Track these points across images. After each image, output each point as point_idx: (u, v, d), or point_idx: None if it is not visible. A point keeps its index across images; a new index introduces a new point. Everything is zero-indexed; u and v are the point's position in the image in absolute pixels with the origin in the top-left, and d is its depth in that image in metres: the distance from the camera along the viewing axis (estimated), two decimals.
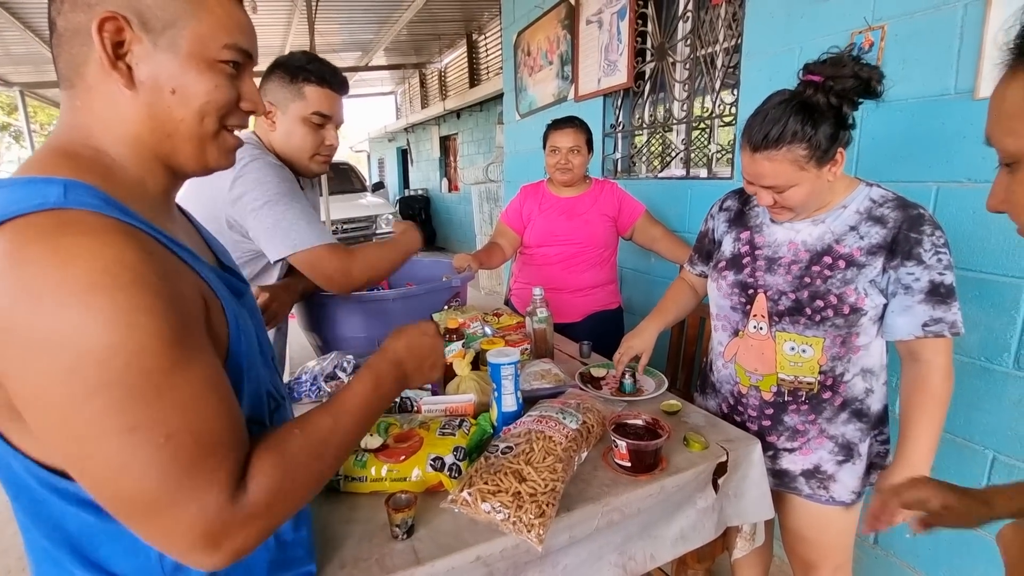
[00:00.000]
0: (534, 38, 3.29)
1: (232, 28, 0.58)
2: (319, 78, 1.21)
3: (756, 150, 1.00)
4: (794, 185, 1.01)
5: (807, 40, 1.66)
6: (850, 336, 1.06)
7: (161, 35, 0.54)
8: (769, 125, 0.98)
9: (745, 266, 1.16)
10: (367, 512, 0.91)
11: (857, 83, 0.94)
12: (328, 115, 1.24)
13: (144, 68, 0.54)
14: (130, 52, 0.53)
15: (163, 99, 0.55)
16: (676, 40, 2.31)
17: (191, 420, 0.48)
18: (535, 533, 0.81)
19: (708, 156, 2.21)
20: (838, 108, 0.96)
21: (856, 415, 1.12)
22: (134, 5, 0.53)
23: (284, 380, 1.44)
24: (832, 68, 0.95)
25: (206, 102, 0.57)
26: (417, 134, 11.58)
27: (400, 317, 1.44)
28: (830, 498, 1.15)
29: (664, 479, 1.00)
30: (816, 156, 0.97)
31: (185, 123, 0.57)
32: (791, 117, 0.96)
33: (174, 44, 0.54)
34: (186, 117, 0.56)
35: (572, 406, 1.10)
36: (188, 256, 0.55)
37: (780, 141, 0.97)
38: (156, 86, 0.55)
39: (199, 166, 0.60)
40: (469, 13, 7.34)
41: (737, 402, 1.21)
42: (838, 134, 0.98)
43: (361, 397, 0.66)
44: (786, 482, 1.18)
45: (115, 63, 0.52)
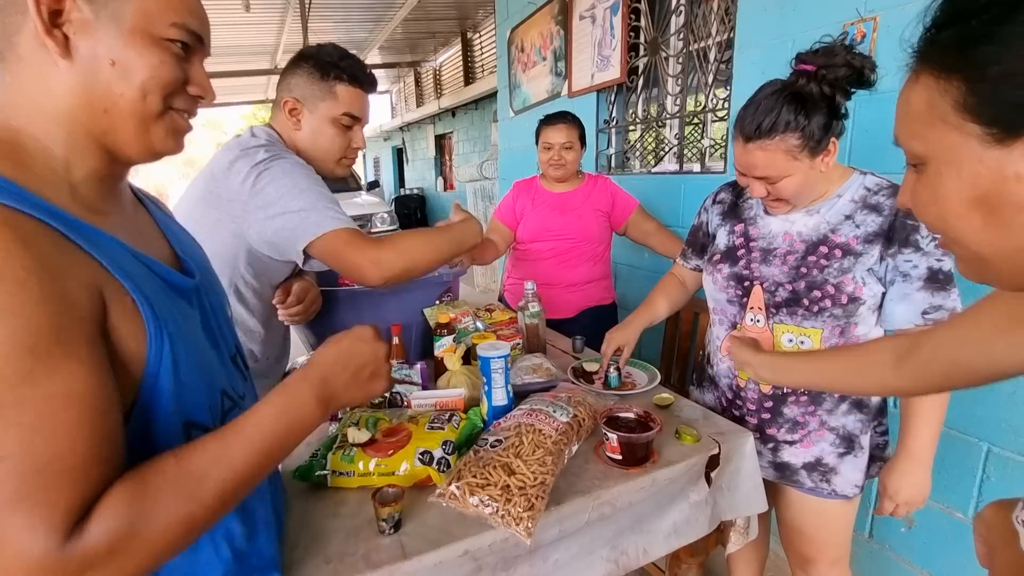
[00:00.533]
0: (527, 34, 3.27)
1: (181, 8, 0.56)
2: (352, 77, 1.14)
3: (748, 140, 0.99)
4: (787, 176, 1.00)
5: (800, 32, 1.65)
6: (849, 326, 1.05)
7: (104, 7, 0.51)
8: (762, 115, 0.97)
9: (740, 258, 1.15)
10: (354, 507, 0.89)
11: (850, 72, 0.93)
12: (359, 116, 1.18)
13: (82, 39, 0.51)
14: (68, 21, 0.50)
15: (101, 72, 0.51)
16: (669, 35, 2.31)
17: (34, 444, 0.41)
18: (523, 526, 0.80)
19: (701, 151, 2.21)
20: (831, 98, 0.95)
21: (856, 406, 1.11)
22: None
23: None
24: (824, 57, 0.94)
25: (149, 77, 0.53)
26: (412, 133, 11.56)
27: (391, 311, 1.43)
28: (832, 491, 1.13)
29: (656, 472, 0.99)
30: (809, 146, 0.96)
31: (125, 98, 0.53)
32: (784, 107, 0.95)
33: (117, 16, 0.51)
34: (126, 92, 0.53)
35: (563, 400, 1.09)
36: (104, 249, 0.50)
37: (773, 131, 0.96)
38: (94, 57, 0.51)
39: (143, 148, 0.56)
40: (464, 11, 7.32)
41: (736, 396, 1.20)
42: (831, 124, 0.97)
43: (265, 423, 0.56)
44: (788, 475, 1.17)
45: (50, 30, 0.49)
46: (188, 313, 0.60)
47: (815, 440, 1.13)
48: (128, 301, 0.50)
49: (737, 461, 1.10)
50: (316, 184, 1.08)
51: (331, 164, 1.21)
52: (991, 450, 1.33)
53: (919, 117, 0.42)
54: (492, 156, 5.11)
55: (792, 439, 1.14)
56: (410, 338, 1.49)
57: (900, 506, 1.07)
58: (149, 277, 0.54)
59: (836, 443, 1.12)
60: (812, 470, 1.14)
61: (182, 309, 0.58)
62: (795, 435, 1.14)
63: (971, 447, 1.37)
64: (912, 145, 0.44)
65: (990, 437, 1.33)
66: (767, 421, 1.16)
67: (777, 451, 1.16)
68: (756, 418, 1.17)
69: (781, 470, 1.17)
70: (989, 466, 1.35)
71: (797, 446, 1.14)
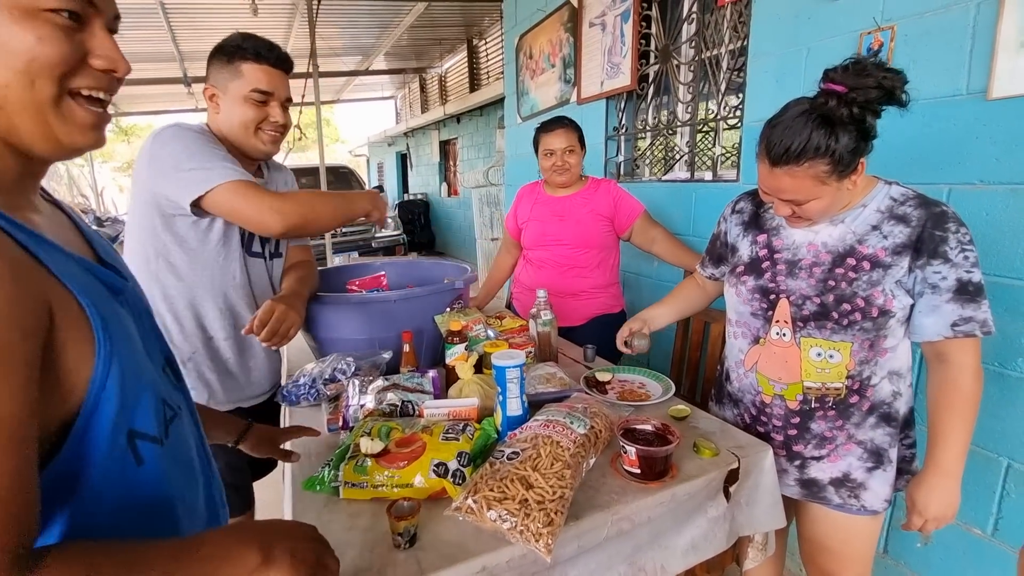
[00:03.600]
0: (536, 41, 3.27)
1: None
2: (255, 54, 1.18)
3: (776, 164, 0.97)
4: (815, 199, 0.98)
5: (814, 41, 1.64)
6: (878, 339, 1.03)
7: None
8: (789, 139, 0.93)
9: (765, 271, 1.12)
10: (368, 520, 0.87)
11: (881, 93, 0.90)
12: (268, 91, 1.20)
13: None
14: None
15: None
16: (680, 42, 2.30)
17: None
18: (543, 542, 0.78)
19: (713, 159, 2.19)
20: (861, 120, 0.92)
21: (884, 419, 1.08)
22: None
23: (282, 383, 1.41)
24: (855, 78, 0.90)
25: (30, 59, 0.46)
26: (417, 138, 11.58)
27: (402, 319, 1.42)
28: (861, 507, 1.10)
29: (675, 486, 0.97)
30: (838, 170, 0.94)
31: (11, 89, 0.46)
32: (812, 131, 0.92)
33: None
34: (10, 81, 0.46)
35: (579, 410, 1.07)
36: (48, 253, 0.46)
37: (802, 156, 0.93)
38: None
39: (50, 143, 0.50)
40: (470, 18, 7.35)
41: (760, 412, 1.17)
42: (860, 146, 0.94)
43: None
44: (815, 492, 1.13)
45: None
46: (124, 316, 0.55)
47: (842, 454, 1.10)
48: (75, 308, 0.47)
49: (756, 475, 1.08)
50: (210, 145, 1.15)
51: (251, 138, 1.22)
52: (1011, 465, 1.31)
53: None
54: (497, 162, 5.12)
55: (819, 455, 1.11)
56: (421, 346, 1.47)
57: (929, 521, 1.04)
58: (91, 280, 0.51)
59: (864, 457, 1.09)
60: (840, 486, 1.11)
61: (119, 311, 0.54)
62: (822, 450, 1.11)
63: (991, 462, 1.34)
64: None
65: (1010, 452, 1.31)
66: (794, 437, 1.13)
67: (804, 468, 1.13)
68: (782, 434, 1.14)
69: (808, 487, 1.14)
70: (1009, 482, 1.32)
71: (824, 461, 1.11)
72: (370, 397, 1.18)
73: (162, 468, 0.55)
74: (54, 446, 0.46)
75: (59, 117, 0.49)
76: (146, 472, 0.53)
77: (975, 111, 1.28)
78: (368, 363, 1.34)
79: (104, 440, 0.48)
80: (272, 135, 1.25)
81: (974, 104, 1.28)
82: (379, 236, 7.42)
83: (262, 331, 1.13)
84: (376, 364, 1.35)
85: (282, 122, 1.25)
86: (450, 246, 10.14)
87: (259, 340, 1.15)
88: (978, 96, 1.27)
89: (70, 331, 0.46)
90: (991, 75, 1.23)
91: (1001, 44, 1.21)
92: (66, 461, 0.46)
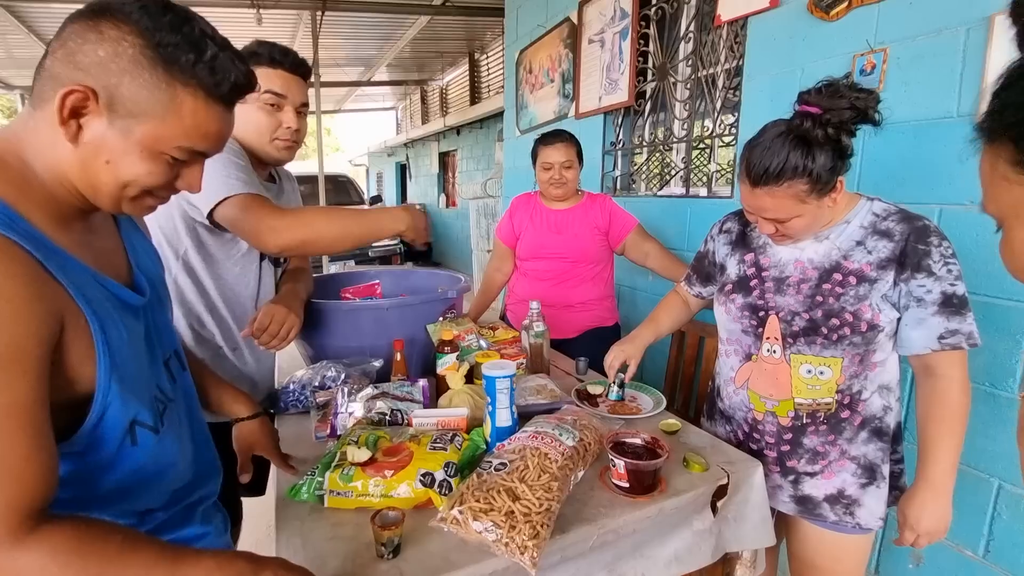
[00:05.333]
0: (536, 56, 3.31)
1: (195, 136, 0.62)
2: (269, 59, 1.18)
3: (756, 185, 0.99)
4: (796, 216, 0.99)
5: (808, 62, 1.67)
6: (868, 353, 1.03)
7: (120, 119, 0.58)
8: (768, 160, 0.95)
9: (753, 288, 1.14)
10: (352, 529, 0.86)
11: (855, 113, 0.92)
12: (282, 94, 1.19)
13: (92, 133, 0.58)
14: (87, 116, 0.57)
15: (96, 163, 0.59)
16: (678, 60, 2.33)
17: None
18: (528, 556, 0.77)
19: (708, 175, 2.21)
20: (836, 139, 0.94)
21: (876, 434, 1.08)
22: (111, 88, 0.57)
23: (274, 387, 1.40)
24: (829, 99, 0.92)
25: (132, 181, 0.61)
26: (416, 149, 11.65)
27: (395, 327, 1.41)
28: (856, 525, 1.10)
29: (663, 501, 0.96)
30: (817, 189, 0.96)
31: (108, 186, 0.61)
32: (790, 152, 0.94)
33: (127, 130, 0.58)
34: (109, 182, 0.60)
35: (569, 422, 1.06)
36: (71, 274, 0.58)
37: (780, 177, 0.95)
38: (96, 151, 0.59)
39: (112, 211, 0.64)
40: (472, 33, 7.43)
41: (753, 429, 1.17)
42: (837, 165, 0.96)
43: None
44: (810, 508, 1.13)
45: (65, 122, 0.56)
46: (134, 326, 0.68)
47: (836, 470, 1.10)
48: (83, 322, 0.58)
49: (745, 491, 1.07)
50: (231, 156, 1.12)
51: (265, 146, 1.22)
52: (1002, 486, 1.31)
53: (988, 181, 0.46)
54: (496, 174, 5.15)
55: (813, 470, 1.11)
56: (412, 354, 1.47)
57: (921, 537, 1.04)
58: (104, 297, 0.62)
59: (858, 473, 1.09)
60: (835, 503, 1.10)
61: (129, 323, 0.66)
62: (816, 466, 1.11)
63: (981, 483, 1.34)
64: (989, 208, 0.48)
65: (1001, 473, 1.31)
66: (787, 453, 1.13)
67: (798, 484, 1.13)
68: (775, 451, 1.14)
69: (803, 503, 1.13)
70: (1000, 503, 1.32)
71: (819, 477, 1.11)
72: (359, 405, 1.17)
73: (152, 447, 0.68)
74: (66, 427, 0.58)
75: (130, 204, 0.64)
76: (139, 450, 0.66)
77: (965, 133, 1.28)
78: (358, 371, 1.33)
79: (112, 432, 0.62)
80: (287, 142, 1.23)
81: (964, 126, 1.30)
82: (376, 246, 7.41)
83: (261, 334, 1.12)
84: (366, 372, 1.34)
85: (296, 127, 1.23)
86: (447, 257, 10.14)
87: (258, 344, 1.15)
88: (968, 118, 1.29)
89: (76, 339, 0.58)
90: (981, 98, 1.25)
91: (991, 67, 1.23)
92: (78, 442, 0.60)
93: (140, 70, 0.57)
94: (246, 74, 0.66)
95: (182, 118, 0.60)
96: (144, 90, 0.58)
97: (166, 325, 0.79)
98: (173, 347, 0.81)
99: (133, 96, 0.58)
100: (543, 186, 1.96)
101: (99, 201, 0.62)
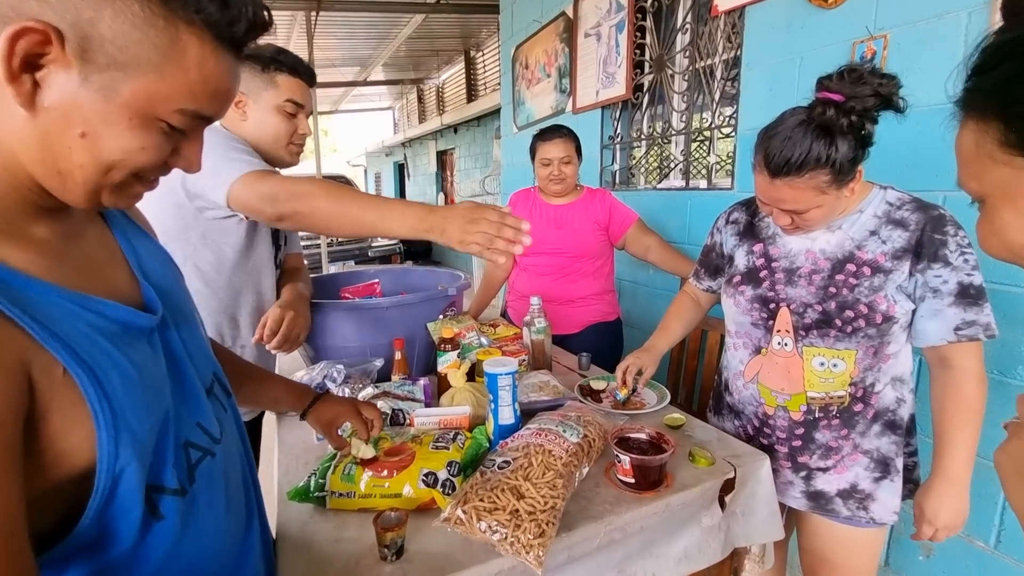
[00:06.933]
0: (532, 51, 3.29)
1: (201, 95, 0.47)
2: (291, 68, 1.21)
3: (776, 176, 0.95)
4: (815, 207, 0.96)
5: (808, 51, 1.65)
6: (882, 345, 1.01)
7: (99, 71, 0.42)
8: (790, 150, 0.92)
9: (763, 280, 1.11)
10: (355, 531, 0.85)
11: (879, 101, 0.89)
12: (301, 104, 1.23)
13: (54, 94, 0.41)
14: (46, 70, 0.41)
15: (65, 136, 0.43)
16: (675, 52, 2.31)
17: None
18: (534, 554, 0.76)
19: (707, 167, 2.20)
20: (860, 128, 0.91)
21: (889, 427, 1.06)
22: (83, 27, 0.40)
23: None
24: (852, 86, 0.88)
25: (120, 159, 0.45)
26: (414, 148, 11.63)
27: (395, 326, 1.40)
28: (870, 519, 1.07)
29: (670, 496, 0.95)
30: (838, 180, 0.93)
31: (84, 170, 0.44)
32: (812, 142, 0.90)
33: (110, 88, 0.43)
34: (86, 164, 0.44)
35: (572, 419, 1.05)
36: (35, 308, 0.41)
37: (802, 168, 0.92)
38: (64, 120, 0.42)
39: (90, 204, 0.47)
40: (467, 30, 7.40)
41: (763, 424, 1.14)
42: (859, 154, 0.93)
43: None
44: (822, 504, 1.10)
45: (16, 76, 0.40)
46: (145, 356, 0.50)
47: (849, 464, 1.08)
48: (58, 373, 0.41)
49: (753, 485, 1.06)
50: (231, 140, 1.11)
51: (280, 151, 1.24)
52: None
53: (970, 158, 0.45)
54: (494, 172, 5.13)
55: (825, 465, 1.09)
56: (413, 353, 1.45)
57: (940, 530, 1.02)
58: (93, 328, 0.45)
59: (871, 467, 1.07)
60: (848, 497, 1.08)
61: (139, 356, 0.49)
62: (828, 461, 1.09)
63: (992, 474, 1.32)
64: (969, 185, 0.47)
65: None
66: (799, 449, 1.10)
67: (810, 479, 1.11)
68: (787, 446, 1.11)
69: (815, 499, 1.11)
70: None
71: (831, 472, 1.09)
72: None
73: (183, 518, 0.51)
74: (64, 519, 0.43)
75: (113, 193, 0.48)
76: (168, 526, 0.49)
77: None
78: (359, 370, 1.31)
79: (129, 510, 0.45)
80: (298, 147, 1.27)
81: None
82: (375, 245, 7.40)
83: (272, 339, 1.13)
84: (367, 371, 1.32)
85: (309, 134, 1.28)
86: (446, 255, 10.13)
87: (269, 347, 1.15)
88: None
89: (56, 398, 0.41)
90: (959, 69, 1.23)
91: None
92: (84, 535, 0.43)
93: (128, 1, 0.41)
94: (264, 10, 0.50)
95: (186, 70, 0.45)
96: (135, 30, 0.42)
97: (197, 344, 0.61)
98: (212, 369, 0.64)
99: (118, 39, 0.41)
100: (542, 182, 1.95)
101: (68, 193, 0.45)
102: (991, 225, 0.46)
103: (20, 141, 0.42)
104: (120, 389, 0.44)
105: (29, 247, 0.45)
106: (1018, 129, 0.40)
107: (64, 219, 0.50)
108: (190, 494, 0.52)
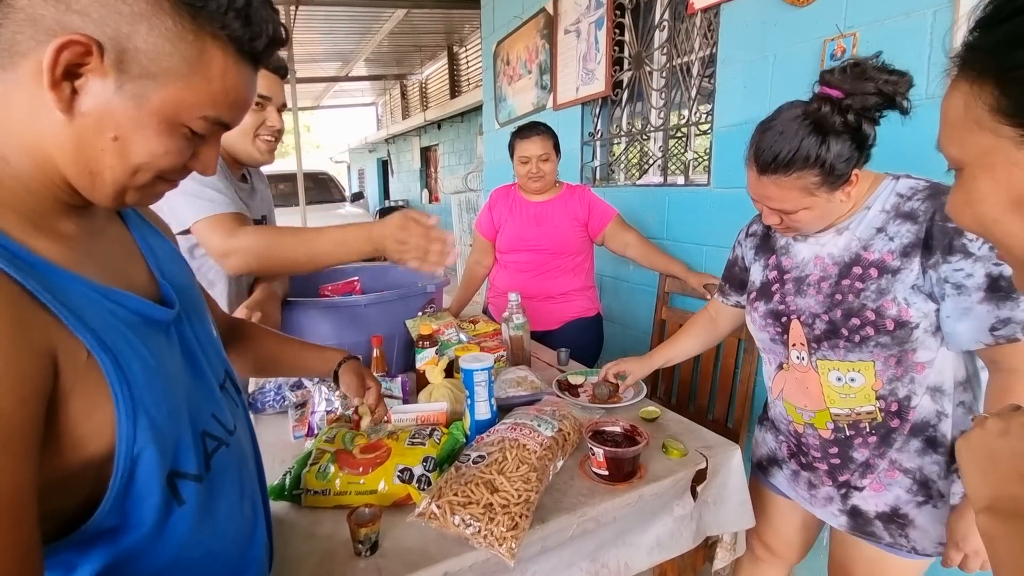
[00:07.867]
0: (513, 48, 3.29)
1: (223, 104, 0.51)
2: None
3: (763, 172, 0.90)
4: (803, 208, 0.91)
5: (781, 48, 1.68)
6: (905, 353, 0.90)
7: (132, 80, 0.45)
8: (779, 147, 0.86)
9: (774, 293, 1.05)
10: (330, 528, 0.85)
11: (881, 99, 0.82)
12: (267, 96, 1.19)
13: (90, 101, 0.44)
14: (84, 78, 0.44)
15: (99, 140, 0.46)
16: (653, 49, 2.33)
17: None
18: (507, 547, 0.77)
19: (685, 163, 2.22)
20: (856, 127, 0.85)
21: (930, 444, 0.94)
22: (121, 39, 0.44)
23: (249, 390, 1.38)
24: (853, 82, 0.82)
25: (147, 162, 0.49)
26: (398, 145, 11.54)
27: (373, 323, 1.40)
28: (912, 548, 0.97)
29: (642, 487, 0.97)
30: (828, 182, 0.87)
31: (113, 171, 0.48)
32: (803, 139, 0.85)
33: (142, 96, 0.46)
34: (116, 166, 0.48)
35: (548, 413, 1.06)
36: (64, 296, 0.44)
37: (790, 166, 0.86)
38: (99, 125, 0.45)
39: (113, 205, 0.51)
40: (450, 26, 7.36)
41: (799, 442, 1.08)
42: (855, 156, 0.86)
43: None
44: (861, 525, 1.01)
45: (57, 84, 0.43)
46: (163, 348, 0.53)
47: (886, 482, 0.98)
48: (85, 357, 0.44)
49: (724, 475, 1.09)
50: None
51: (249, 144, 1.22)
52: None
53: (956, 122, 0.42)
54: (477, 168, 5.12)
55: (863, 484, 1.00)
56: (391, 350, 1.46)
57: (969, 557, 0.89)
58: (117, 317, 0.48)
59: (913, 490, 0.96)
60: (889, 522, 0.98)
61: (157, 347, 0.52)
62: (865, 480, 1.00)
63: None
64: (950, 150, 0.44)
65: None
66: (837, 467, 1.02)
67: (848, 497, 1.02)
68: (825, 463, 1.04)
69: (854, 518, 1.02)
70: None
71: (868, 490, 1.00)
72: (337, 403, 1.15)
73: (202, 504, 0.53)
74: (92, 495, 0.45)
75: (137, 193, 0.51)
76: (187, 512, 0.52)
77: (933, 116, 1.30)
78: None
79: (148, 493, 0.48)
80: (269, 142, 1.24)
81: (932, 108, 1.30)
82: None
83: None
84: None
85: (279, 127, 1.24)
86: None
87: None
88: (936, 100, 1.30)
89: (79, 381, 0.44)
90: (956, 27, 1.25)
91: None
92: (104, 520, 0.45)
93: (161, 16, 0.44)
94: (282, 27, 0.53)
95: (210, 80, 0.48)
96: (167, 43, 0.45)
97: (210, 340, 0.64)
98: (224, 366, 0.66)
99: (151, 51, 0.45)
100: (521, 180, 1.96)
101: (96, 192, 0.49)
102: (967, 195, 0.43)
103: (56, 143, 0.46)
104: (140, 375, 0.47)
105: (59, 240, 0.48)
106: (1013, 96, 0.37)
107: (88, 217, 0.53)
108: (207, 481, 0.54)
